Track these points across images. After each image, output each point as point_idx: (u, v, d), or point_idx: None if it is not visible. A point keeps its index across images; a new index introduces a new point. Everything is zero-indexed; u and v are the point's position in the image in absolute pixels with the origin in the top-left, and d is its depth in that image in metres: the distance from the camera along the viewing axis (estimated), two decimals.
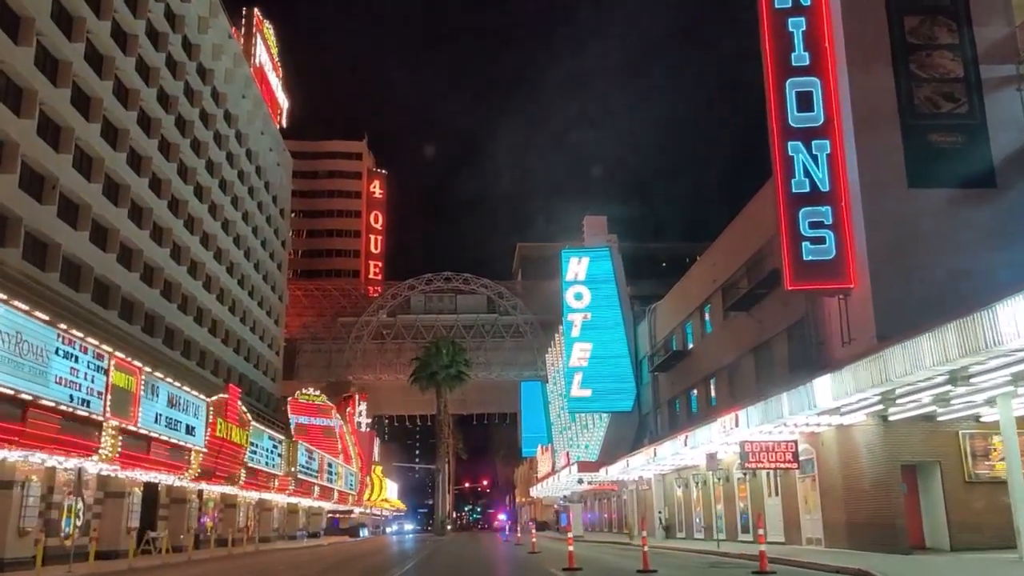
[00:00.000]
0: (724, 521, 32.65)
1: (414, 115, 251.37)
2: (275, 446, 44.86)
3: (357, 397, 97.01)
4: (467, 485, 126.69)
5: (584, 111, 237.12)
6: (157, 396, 27.07)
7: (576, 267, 50.88)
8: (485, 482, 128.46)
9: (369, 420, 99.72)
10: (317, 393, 65.55)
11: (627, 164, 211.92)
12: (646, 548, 18.18)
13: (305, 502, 58.91)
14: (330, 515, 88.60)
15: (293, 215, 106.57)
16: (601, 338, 49.69)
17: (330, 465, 60.31)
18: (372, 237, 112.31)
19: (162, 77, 47.54)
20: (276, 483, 44.86)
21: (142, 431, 25.87)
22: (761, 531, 17.95)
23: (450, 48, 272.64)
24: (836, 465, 23.05)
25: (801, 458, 24.72)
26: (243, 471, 37.65)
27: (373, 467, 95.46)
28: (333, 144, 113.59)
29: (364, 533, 79.47)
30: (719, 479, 32.39)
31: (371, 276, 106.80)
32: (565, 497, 68.16)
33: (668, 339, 43.24)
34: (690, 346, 39.75)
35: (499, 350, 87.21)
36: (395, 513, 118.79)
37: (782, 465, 24.69)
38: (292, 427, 61.74)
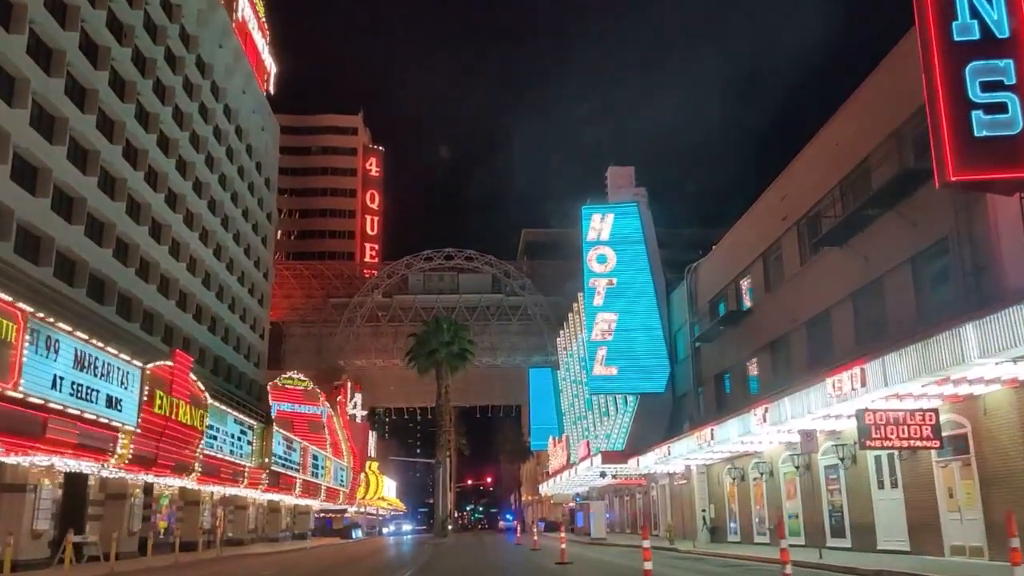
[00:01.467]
0: (802, 521, 25.51)
1: (414, 90, 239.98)
2: (243, 432, 37.73)
3: (351, 386, 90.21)
4: (470, 482, 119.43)
5: (597, 99, 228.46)
6: (57, 353, 19.91)
7: (599, 225, 43.64)
8: (489, 479, 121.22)
9: (364, 412, 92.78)
10: (303, 378, 58.42)
11: (646, 143, 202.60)
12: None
13: (288, 499, 51.81)
14: (321, 515, 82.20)
15: (284, 195, 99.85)
16: (629, 307, 42.56)
17: (315, 458, 53.16)
18: (368, 218, 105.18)
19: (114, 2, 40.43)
20: (246, 477, 37.71)
21: (32, 398, 18.76)
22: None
23: (454, 21, 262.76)
24: (1014, 442, 15.90)
25: (944, 433, 17.59)
26: (198, 460, 30.50)
27: (369, 463, 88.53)
28: (327, 118, 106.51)
29: (357, 534, 72.64)
30: (797, 467, 25.25)
31: (367, 259, 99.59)
32: (579, 495, 60.95)
33: (715, 302, 36.09)
34: (748, 306, 32.54)
35: (505, 334, 79.94)
36: (393, 513, 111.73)
37: (918, 443, 17.55)
38: (273, 415, 54.85)
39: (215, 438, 32.84)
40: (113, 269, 40.91)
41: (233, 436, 35.78)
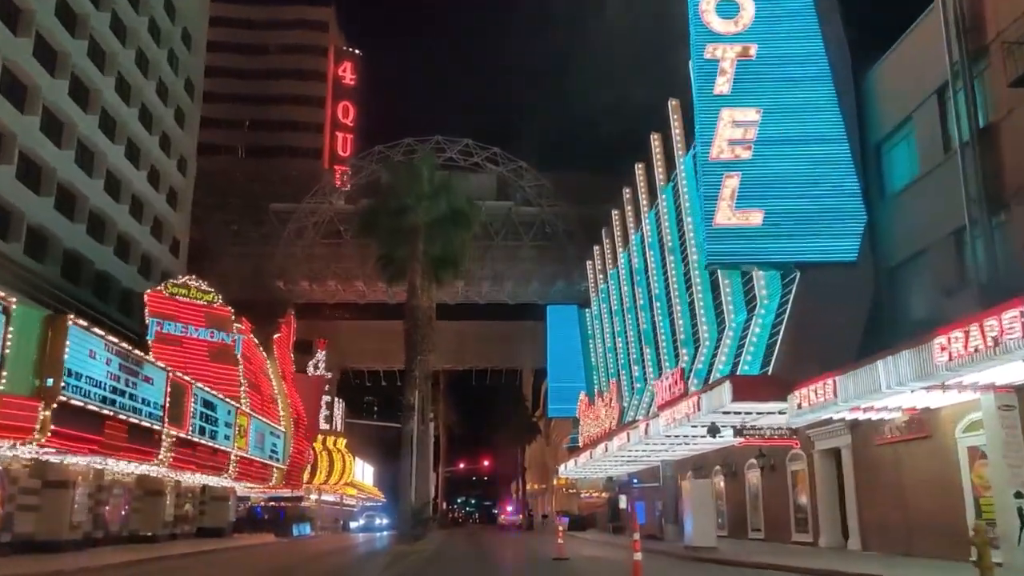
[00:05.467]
0: None
1: None
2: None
3: (316, 344, 69.49)
4: (462, 466, 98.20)
5: None
6: None
7: None
8: (486, 463, 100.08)
9: (329, 375, 71.94)
10: (204, 287, 37.54)
11: None
12: None
13: (158, 472, 31.54)
14: (267, 503, 62.67)
15: (233, 102, 78.94)
16: (784, 100, 21.84)
17: (210, 406, 32.31)
18: (339, 135, 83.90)
19: None
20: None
21: None
22: None
23: None
24: None
25: None
26: None
27: (335, 440, 67.88)
28: (289, 10, 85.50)
29: (304, 530, 52.08)
30: None
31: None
32: (634, 476, 40.15)
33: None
34: None
35: (514, 260, 58.95)
36: (368, 502, 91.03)
37: None
38: (151, 338, 34.27)
39: None
40: None
41: None
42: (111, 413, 22.66)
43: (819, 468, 23.98)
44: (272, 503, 63.12)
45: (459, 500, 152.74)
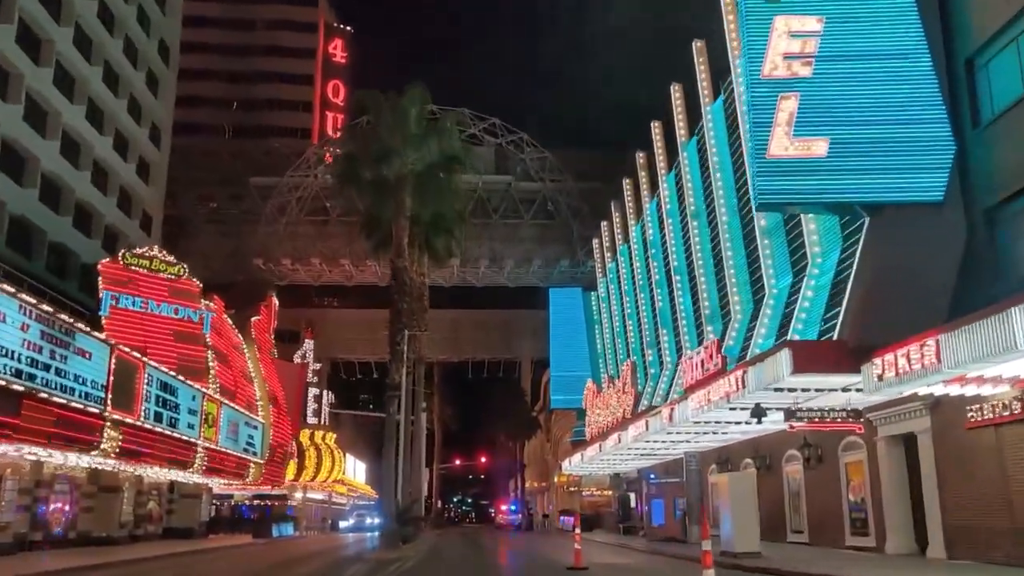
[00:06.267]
0: None
1: None
2: None
3: (304, 331, 65.60)
4: (458, 463, 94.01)
5: None
6: None
7: None
8: (483, 459, 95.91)
9: (317, 366, 67.95)
10: (170, 259, 33.54)
11: None
12: None
13: (104, 464, 27.61)
14: (249, 501, 59.12)
15: (218, 79, 74.83)
16: (852, 5, 17.75)
17: (169, 390, 28.29)
18: (330, 115, 79.98)
19: None
20: None
21: None
22: None
23: None
24: None
25: None
26: None
27: (322, 434, 63.90)
28: None
29: (285, 531, 48.13)
30: None
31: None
32: (651, 471, 36.22)
33: None
34: None
35: (513, 239, 54.80)
36: (360, 501, 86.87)
37: None
38: (105, 313, 30.32)
39: None
40: None
41: None
42: (27, 390, 18.59)
43: (884, 458, 19.98)
44: (258, 501, 59.47)
45: (455, 499, 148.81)
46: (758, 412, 20.01)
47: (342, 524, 72.93)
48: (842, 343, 16.69)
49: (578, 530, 17.98)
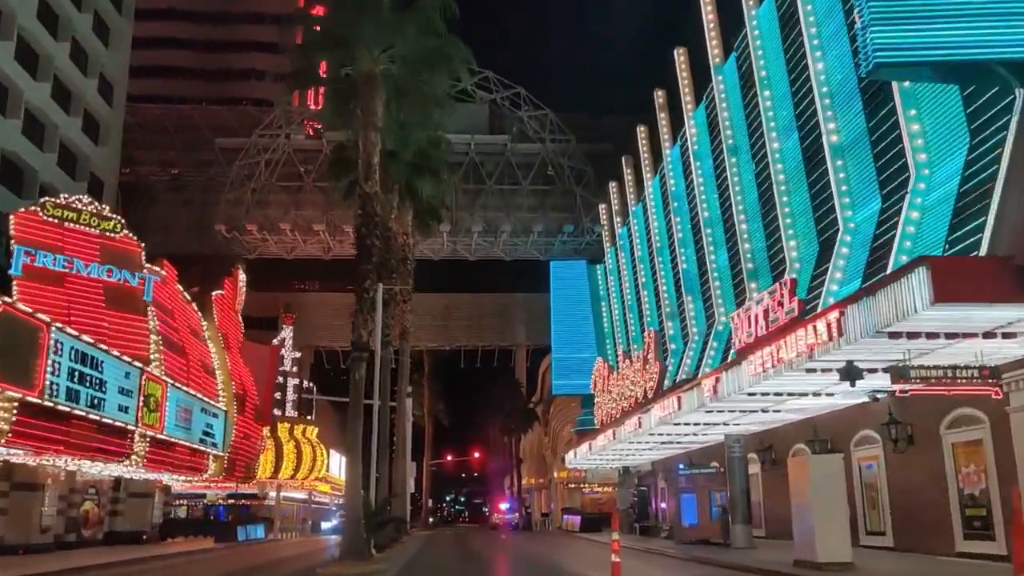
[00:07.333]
0: None
1: None
2: None
3: (284, 315, 60.29)
4: (450, 458, 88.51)
5: None
6: None
7: None
8: (477, 454, 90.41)
9: (298, 354, 62.55)
10: (104, 212, 28.26)
11: None
12: None
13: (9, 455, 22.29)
14: (224, 500, 54.58)
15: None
16: None
17: (93, 362, 22.89)
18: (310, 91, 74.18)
19: None
20: None
21: None
22: None
23: None
24: None
25: None
26: None
27: (303, 428, 58.74)
28: None
29: (255, 533, 42.93)
30: None
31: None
32: (684, 465, 30.93)
33: None
34: None
35: (510, 207, 49.41)
36: (341, 502, 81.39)
37: None
38: (17, 272, 25.04)
39: None
40: None
41: None
42: None
43: (1021, 436, 14.79)
44: (232, 501, 54.55)
45: (448, 498, 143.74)
46: (852, 372, 14.79)
47: (324, 525, 67.81)
48: (1009, 260, 11.44)
49: (616, 535, 12.67)
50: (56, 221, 26.56)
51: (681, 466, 26.56)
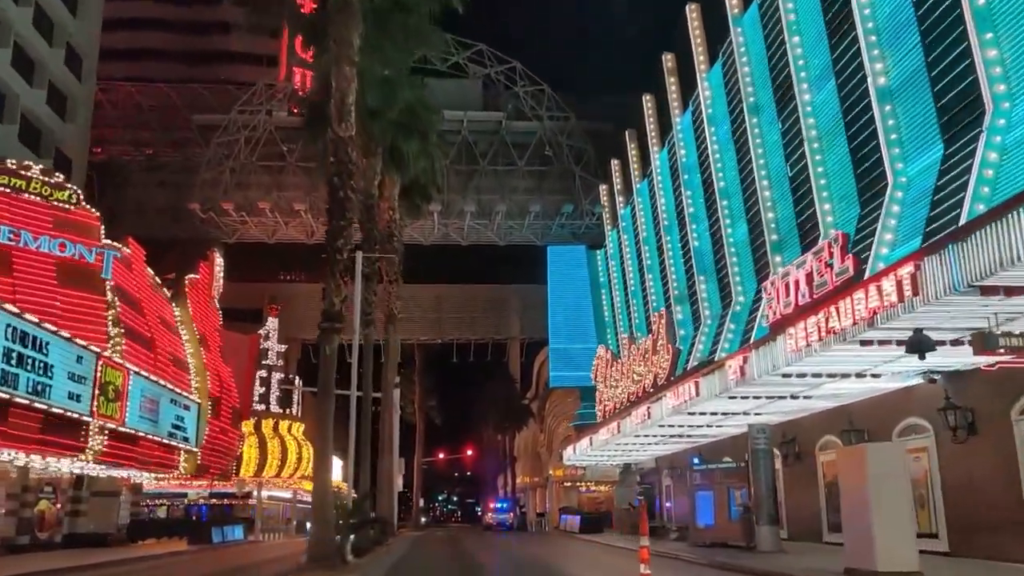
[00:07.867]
0: None
1: None
2: None
3: (265, 310, 57.67)
4: (442, 456, 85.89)
5: None
6: None
7: None
8: (469, 452, 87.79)
9: (282, 348, 59.92)
10: (61, 184, 25.70)
11: None
12: None
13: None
14: (207, 500, 52.52)
15: (176, 31, 66.71)
16: None
17: (28, 341, 20.21)
18: (296, 71, 71.47)
19: None
20: None
21: None
22: None
23: None
24: None
25: None
26: None
27: (289, 423, 56.22)
28: None
29: (233, 534, 40.28)
30: None
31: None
32: (699, 458, 28.59)
33: None
34: None
35: (505, 188, 46.85)
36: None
37: None
38: None
39: None
40: None
41: None
42: None
43: None
44: (215, 501, 52.30)
45: (440, 497, 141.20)
46: (923, 343, 12.30)
47: (310, 525, 65.21)
48: None
49: (645, 540, 10.15)
50: (1, 188, 23.98)
51: (696, 461, 24.09)
